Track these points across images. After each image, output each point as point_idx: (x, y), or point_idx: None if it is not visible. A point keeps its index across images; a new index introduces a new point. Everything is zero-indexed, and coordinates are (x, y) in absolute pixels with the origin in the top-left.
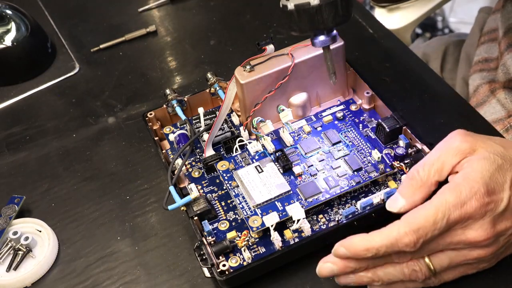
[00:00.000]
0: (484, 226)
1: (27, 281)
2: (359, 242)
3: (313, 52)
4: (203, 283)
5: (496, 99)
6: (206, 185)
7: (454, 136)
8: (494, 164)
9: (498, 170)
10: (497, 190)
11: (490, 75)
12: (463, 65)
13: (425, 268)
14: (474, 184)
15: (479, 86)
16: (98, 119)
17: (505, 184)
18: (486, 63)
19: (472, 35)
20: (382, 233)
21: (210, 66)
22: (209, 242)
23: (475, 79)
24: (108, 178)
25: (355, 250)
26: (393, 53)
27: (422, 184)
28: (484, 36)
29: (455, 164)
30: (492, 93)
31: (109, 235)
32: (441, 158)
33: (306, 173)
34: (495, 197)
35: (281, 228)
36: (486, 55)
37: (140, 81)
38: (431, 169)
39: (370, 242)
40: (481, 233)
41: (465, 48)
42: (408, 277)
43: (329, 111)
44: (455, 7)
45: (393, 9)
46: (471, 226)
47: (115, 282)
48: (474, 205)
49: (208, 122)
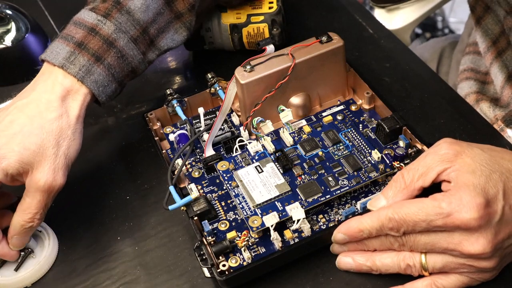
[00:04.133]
0: (480, 240)
1: (27, 281)
2: (354, 224)
3: (313, 52)
4: (203, 283)
5: (479, 108)
6: (206, 185)
7: (441, 144)
8: (483, 176)
9: (488, 181)
10: (491, 202)
11: (477, 85)
12: (454, 72)
13: (418, 264)
14: (464, 197)
15: (467, 95)
16: (98, 119)
17: (498, 194)
18: (472, 73)
19: (461, 42)
20: (373, 215)
21: (210, 66)
22: (209, 242)
23: (463, 88)
24: (108, 178)
25: (351, 232)
26: (393, 53)
27: (405, 187)
28: (469, 47)
29: (441, 171)
30: (477, 102)
31: (109, 235)
32: (426, 164)
33: (306, 173)
34: (490, 209)
35: (281, 228)
36: (472, 65)
37: (140, 81)
38: (415, 173)
39: (363, 224)
40: (477, 247)
41: (456, 55)
42: (403, 270)
43: (329, 111)
44: (455, 7)
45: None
46: (467, 238)
47: (115, 282)
48: (463, 218)
49: (208, 122)
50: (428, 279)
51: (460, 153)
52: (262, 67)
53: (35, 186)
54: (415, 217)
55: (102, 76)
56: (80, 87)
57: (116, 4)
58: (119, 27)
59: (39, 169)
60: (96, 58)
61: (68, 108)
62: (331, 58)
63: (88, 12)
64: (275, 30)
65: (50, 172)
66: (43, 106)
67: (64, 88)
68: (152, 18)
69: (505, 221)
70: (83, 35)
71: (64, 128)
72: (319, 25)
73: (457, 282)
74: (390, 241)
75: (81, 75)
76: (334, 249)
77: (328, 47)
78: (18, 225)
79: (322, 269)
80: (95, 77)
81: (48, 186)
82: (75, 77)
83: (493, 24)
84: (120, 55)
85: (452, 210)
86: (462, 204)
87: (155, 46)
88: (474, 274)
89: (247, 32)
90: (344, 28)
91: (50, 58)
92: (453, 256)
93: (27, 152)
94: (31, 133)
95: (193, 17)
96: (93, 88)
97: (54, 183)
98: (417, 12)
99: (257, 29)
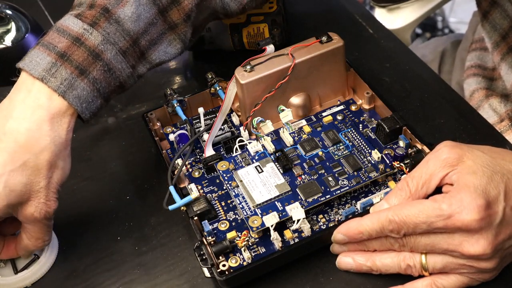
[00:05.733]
0: (481, 241)
1: (27, 281)
2: (354, 226)
3: (313, 52)
4: (203, 283)
5: (489, 103)
6: (206, 185)
7: (442, 148)
8: (484, 177)
9: (489, 182)
10: (492, 203)
11: (485, 81)
12: (458, 70)
13: (419, 264)
14: (465, 198)
15: (475, 91)
16: (98, 119)
17: (499, 196)
18: (480, 69)
19: (466, 40)
20: (373, 217)
21: (210, 66)
22: (209, 242)
23: (470, 84)
24: (108, 178)
25: (351, 233)
26: (393, 53)
27: (410, 196)
28: (476, 43)
29: (443, 176)
30: (486, 97)
31: (109, 235)
32: (429, 171)
33: (306, 173)
34: (491, 211)
35: (281, 228)
36: (479, 62)
37: (140, 81)
38: (419, 181)
39: (363, 225)
40: (477, 248)
41: (459, 53)
42: (403, 271)
43: (329, 111)
44: (455, 7)
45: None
46: (467, 239)
47: (115, 282)
48: (463, 219)
49: (208, 122)
50: (428, 279)
51: (461, 157)
52: (262, 67)
53: (31, 218)
54: (416, 219)
55: (86, 92)
56: (66, 109)
57: (105, 12)
58: (107, 37)
59: (30, 203)
60: (80, 71)
61: (55, 134)
62: (331, 58)
63: (73, 19)
64: (275, 30)
65: (42, 203)
66: (23, 139)
67: (48, 111)
68: (144, 29)
69: (506, 222)
70: (66, 45)
71: (52, 160)
72: (319, 25)
73: (457, 282)
74: (390, 242)
75: (63, 89)
76: (334, 249)
77: (328, 47)
78: (28, 249)
79: (322, 269)
80: (78, 92)
81: (44, 214)
82: (56, 91)
83: (501, 19)
84: (107, 68)
85: (453, 211)
86: (462, 205)
87: (146, 59)
88: (474, 275)
89: (247, 32)
90: (344, 28)
91: (29, 68)
92: (454, 257)
93: (13, 194)
94: (14, 172)
95: (188, 29)
96: (75, 104)
97: (50, 208)
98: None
99: (257, 29)
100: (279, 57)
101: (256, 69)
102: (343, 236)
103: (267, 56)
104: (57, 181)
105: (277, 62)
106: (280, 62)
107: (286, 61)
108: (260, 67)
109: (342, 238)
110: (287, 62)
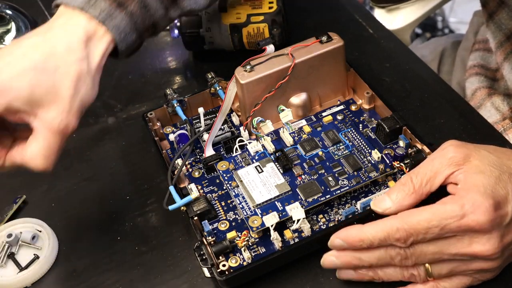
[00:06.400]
0: (491, 240)
1: (27, 281)
2: (355, 233)
3: (313, 52)
4: (203, 283)
5: (491, 102)
6: (206, 185)
7: (447, 147)
8: (492, 177)
9: (498, 182)
10: (502, 203)
11: (488, 81)
12: (458, 70)
13: (423, 273)
14: (477, 198)
15: (477, 89)
16: (98, 119)
17: (508, 196)
18: (482, 69)
19: (466, 39)
20: (377, 225)
21: (210, 66)
22: (209, 242)
23: (472, 83)
24: (108, 178)
25: (351, 240)
26: (393, 53)
27: (414, 192)
28: (479, 44)
29: (448, 174)
30: (489, 96)
31: (109, 235)
32: (434, 168)
33: (306, 173)
34: (502, 211)
35: (281, 228)
36: (482, 62)
37: (140, 81)
38: (424, 178)
39: (365, 234)
40: (488, 247)
41: (460, 53)
42: (407, 279)
43: (329, 111)
44: (455, 7)
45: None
46: (478, 240)
47: (115, 282)
48: (478, 219)
49: (208, 122)
50: (431, 281)
51: (468, 156)
52: (262, 67)
53: (49, 125)
54: (428, 223)
55: (124, 22)
56: (103, 34)
57: None
58: None
59: (52, 108)
60: (118, 4)
61: (90, 54)
62: (331, 58)
63: None
64: (275, 30)
65: (65, 114)
66: (61, 47)
67: (86, 32)
68: None
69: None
70: None
71: (84, 73)
72: (319, 25)
73: (460, 283)
74: (390, 254)
75: (103, 17)
76: (325, 264)
77: (328, 47)
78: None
79: (322, 269)
80: (117, 21)
81: (64, 127)
82: (96, 18)
83: (508, 19)
84: (143, 5)
85: (466, 212)
86: (475, 205)
87: (177, 4)
88: (477, 274)
89: (247, 32)
90: (344, 28)
91: (68, 1)
92: (461, 261)
93: (39, 89)
94: (45, 71)
95: None
96: (114, 32)
97: (69, 124)
98: (417, 12)
99: (257, 29)
100: (279, 57)
101: (256, 69)
102: (342, 242)
103: (267, 56)
104: (82, 100)
105: (277, 62)
106: (280, 62)
107: (286, 61)
108: (260, 67)
109: (340, 244)
110: (287, 62)
